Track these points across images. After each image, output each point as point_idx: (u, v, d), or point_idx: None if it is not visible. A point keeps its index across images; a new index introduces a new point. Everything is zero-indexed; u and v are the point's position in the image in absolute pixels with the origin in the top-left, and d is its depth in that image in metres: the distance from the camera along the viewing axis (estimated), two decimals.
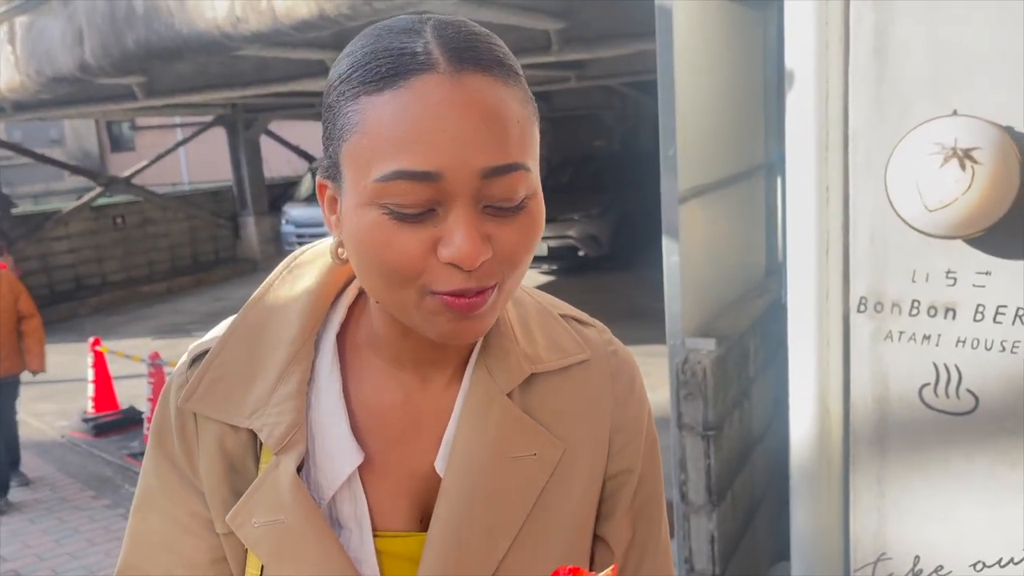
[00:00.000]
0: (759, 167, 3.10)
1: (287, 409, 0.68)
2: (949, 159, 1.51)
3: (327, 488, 0.69)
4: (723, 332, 2.49)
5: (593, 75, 7.60)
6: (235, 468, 0.70)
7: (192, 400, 0.70)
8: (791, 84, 1.85)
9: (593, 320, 0.81)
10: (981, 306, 1.65)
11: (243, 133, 11.71)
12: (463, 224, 0.58)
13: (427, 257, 0.59)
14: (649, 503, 0.79)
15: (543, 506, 0.71)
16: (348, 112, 0.60)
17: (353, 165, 0.60)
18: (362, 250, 0.61)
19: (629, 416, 0.77)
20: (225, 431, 0.70)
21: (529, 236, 0.62)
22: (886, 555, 1.87)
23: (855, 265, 1.80)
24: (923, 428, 1.76)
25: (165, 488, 0.72)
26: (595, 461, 0.74)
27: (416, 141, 0.56)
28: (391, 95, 0.57)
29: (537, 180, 0.63)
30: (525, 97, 0.62)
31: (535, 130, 0.63)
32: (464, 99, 0.57)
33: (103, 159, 20.34)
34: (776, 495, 2.99)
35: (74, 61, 5.39)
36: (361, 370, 0.73)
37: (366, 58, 0.60)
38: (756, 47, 2.96)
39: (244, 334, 0.73)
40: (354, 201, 0.60)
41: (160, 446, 0.73)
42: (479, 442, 0.69)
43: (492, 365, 0.72)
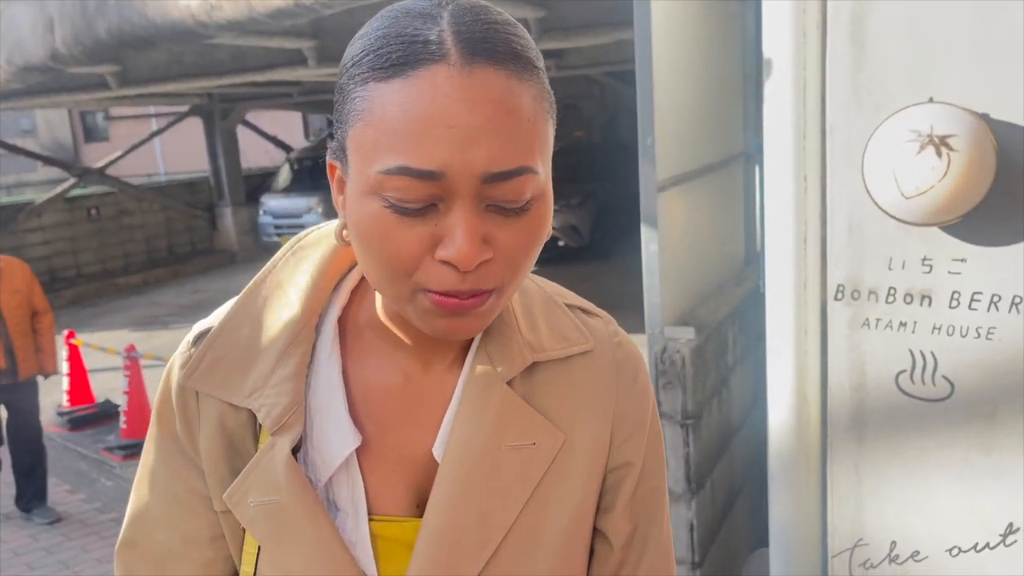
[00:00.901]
0: (738, 156, 3.11)
1: (285, 390, 0.69)
2: (925, 146, 1.51)
3: (324, 470, 0.69)
4: (702, 321, 2.49)
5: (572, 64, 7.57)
6: (234, 447, 0.71)
7: (194, 378, 0.70)
8: (769, 73, 1.84)
9: (599, 310, 0.80)
10: (957, 293, 1.66)
11: (220, 123, 11.58)
12: (463, 223, 0.57)
13: (424, 254, 0.58)
14: (650, 497, 0.78)
15: (541, 496, 0.70)
16: (356, 97, 0.59)
17: (358, 152, 0.59)
18: (362, 239, 0.61)
19: (632, 408, 0.76)
20: (226, 410, 0.70)
21: (532, 239, 0.61)
22: (863, 541, 1.89)
23: (833, 253, 1.80)
24: (900, 415, 1.78)
25: (166, 464, 0.74)
26: (596, 453, 0.73)
27: (421, 136, 0.55)
28: (400, 84, 0.56)
29: (546, 180, 0.62)
30: (540, 92, 0.60)
31: (548, 128, 0.61)
32: (473, 95, 0.56)
33: (76, 150, 20.07)
34: (755, 483, 3.01)
35: (45, 50, 5.29)
36: (362, 353, 0.73)
37: (378, 42, 0.58)
38: (734, 36, 2.96)
39: (246, 315, 0.73)
40: (357, 188, 0.60)
41: (161, 423, 0.74)
42: (477, 429, 0.69)
43: (494, 352, 0.71)
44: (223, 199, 11.98)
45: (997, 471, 1.69)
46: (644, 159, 2.27)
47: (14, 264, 4.11)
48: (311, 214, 10.80)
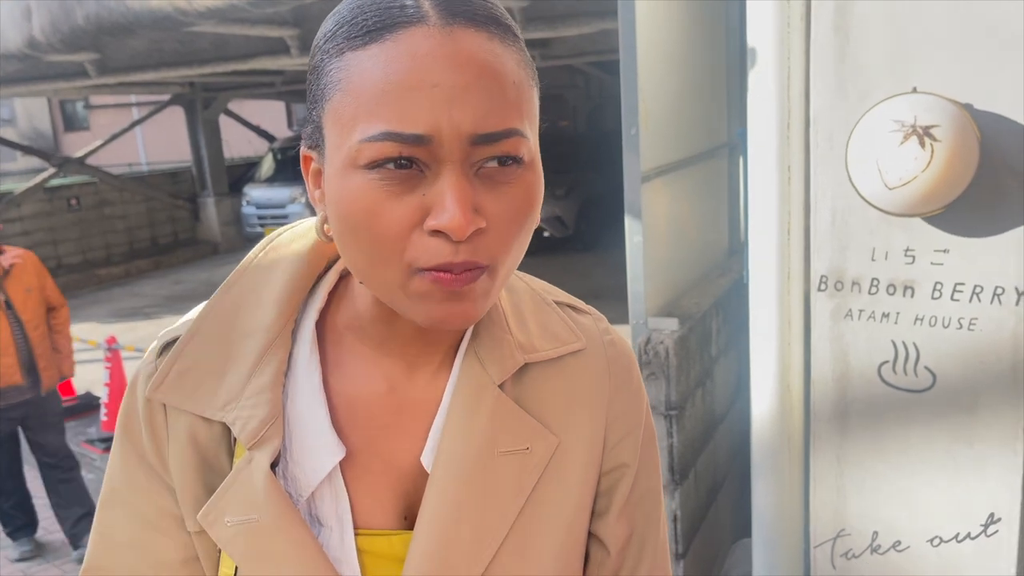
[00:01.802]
0: (722, 146, 3.10)
1: (261, 402, 0.64)
2: (909, 137, 1.51)
3: (306, 485, 0.65)
4: (686, 312, 2.49)
5: (557, 54, 7.54)
6: (208, 463, 0.66)
7: (161, 390, 0.66)
8: (753, 63, 1.84)
9: (589, 307, 0.77)
10: (939, 284, 1.66)
11: (202, 112, 11.47)
12: (453, 190, 0.53)
13: (413, 228, 0.55)
14: (646, 499, 0.75)
15: (536, 503, 0.67)
16: (331, 70, 0.56)
17: (336, 125, 0.56)
18: (346, 219, 0.56)
19: (626, 408, 0.73)
20: (197, 423, 0.66)
21: (524, 210, 0.58)
22: (845, 531, 1.89)
23: (816, 244, 1.80)
24: (882, 405, 1.78)
25: (132, 483, 0.68)
26: (591, 455, 0.70)
27: (404, 99, 0.52)
28: (377, 49, 0.53)
29: (535, 150, 0.59)
30: (524, 60, 0.58)
31: (533, 94, 0.59)
32: (457, 53, 0.53)
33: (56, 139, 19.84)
34: (738, 474, 3.02)
35: (22, 38, 5.21)
36: (342, 359, 0.68)
37: (352, 14, 0.56)
38: (718, 25, 2.95)
39: (216, 321, 0.68)
40: (337, 165, 0.56)
41: (127, 439, 0.68)
42: (468, 435, 0.66)
43: (483, 354, 0.68)
44: (206, 189, 11.88)
45: (979, 462, 1.69)
46: (628, 149, 2.26)
47: (24, 257, 3.53)
48: (294, 204, 10.73)
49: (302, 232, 0.72)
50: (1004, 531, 1.70)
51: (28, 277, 3.51)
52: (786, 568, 2.05)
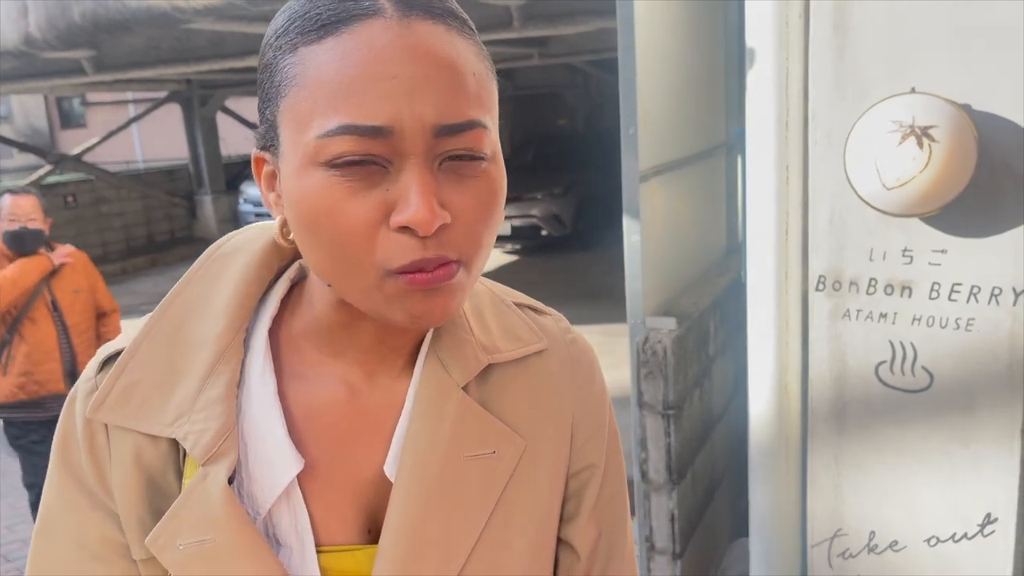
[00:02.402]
0: (720, 146, 3.10)
1: (215, 414, 0.61)
2: (907, 137, 1.51)
3: (263, 501, 0.62)
4: (684, 311, 2.49)
5: (556, 53, 7.54)
6: (154, 484, 0.62)
7: (103, 409, 0.62)
8: (751, 62, 1.83)
9: (549, 308, 0.76)
10: (937, 284, 1.67)
11: (199, 110, 11.45)
12: (417, 184, 0.52)
13: (379, 225, 0.53)
14: (614, 501, 0.73)
15: (505, 508, 0.65)
16: (285, 66, 0.54)
17: (292, 123, 0.54)
18: (307, 220, 0.54)
19: (591, 407, 0.72)
20: (142, 443, 0.61)
21: (490, 204, 0.57)
22: (842, 531, 1.89)
23: (814, 244, 1.80)
24: (879, 405, 1.78)
25: (71, 511, 0.64)
26: (558, 457, 0.69)
27: (363, 91, 0.51)
28: (333, 42, 0.52)
29: (497, 141, 0.58)
30: (481, 52, 0.57)
31: (493, 87, 0.57)
32: (415, 45, 0.52)
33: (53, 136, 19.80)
34: (735, 473, 3.02)
35: (18, 34, 5.20)
36: (298, 366, 0.65)
37: (304, 8, 0.54)
38: (717, 25, 2.95)
39: (162, 332, 0.65)
40: (295, 164, 0.54)
41: (65, 463, 0.64)
42: (433, 441, 0.63)
43: (445, 356, 0.66)
44: (203, 187, 11.86)
45: (976, 462, 1.70)
46: (626, 149, 2.26)
47: (75, 256, 3.30)
48: None
49: (251, 238, 0.69)
50: (1000, 531, 1.70)
51: (78, 278, 3.27)
52: (783, 568, 2.06)
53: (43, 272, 3.14)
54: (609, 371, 0.77)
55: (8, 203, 3.11)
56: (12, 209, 3.10)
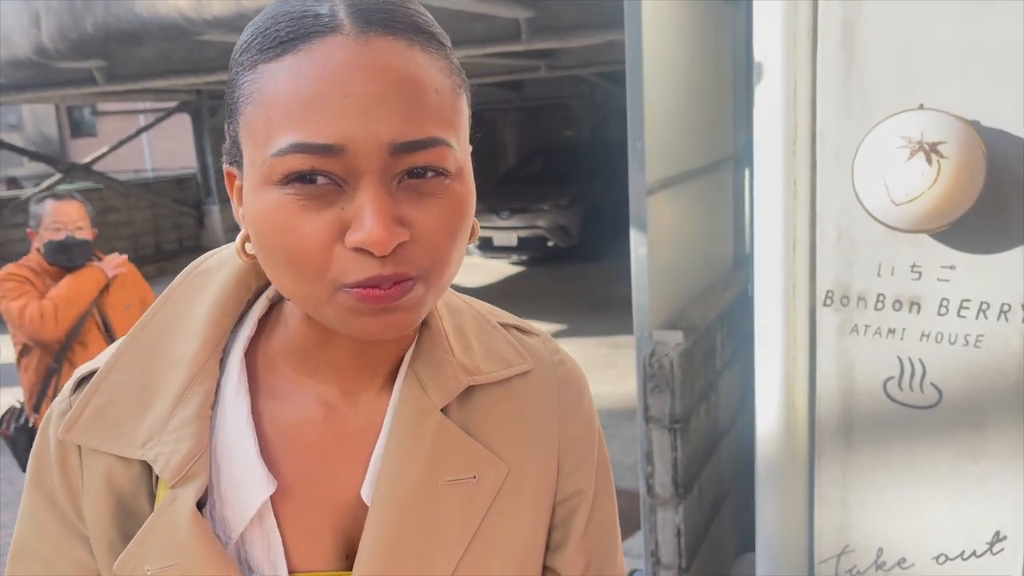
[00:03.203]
0: (727, 159, 3.11)
1: (186, 435, 0.59)
2: (915, 153, 1.51)
3: (235, 524, 0.59)
4: (690, 324, 2.49)
5: (563, 65, 7.56)
6: (125, 507, 0.60)
7: (75, 430, 0.60)
8: (760, 77, 1.84)
9: (537, 328, 0.74)
10: (945, 300, 1.66)
11: (208, 120, 11.51)
12: (372, 203, 0.50)
13: (334, 244, 0.52)
14: (603, 529, 0.71)
15: (485, 536, 0.62)
16: (244, 83, 0.53)
17: (249, 140, 0.53)
18: (263, 237, 0.53)
19: (579, 432, 0.69)
20: (114, 465, 0.60)
21: (453, 221, 0.54)
22: (850, 547, 1.88)
23: (822, 259, 1.80)
24: (887, 421, 1.77)
25: (43, 534, 0.62)
26: (543, 483, 0.66)
27: (314, 108, 0.49)
28: (290, 60, 0.51)
29: (464, 159, 0.56)
30: (449, 67, 0.55)
31: (460, 103, 0.55)
32: (371, 62, 0.50)
33: (63, 145, 19.92)
34: (742, 487, 3.00)
35: (31, 44, 5.24)
36: (275, 387, 0.64)
37: (266, 24, 0.53)
38: (725, 39, 2.96)
39: (137, 352, 0.63)
40: (252, 181, 0.53)
41: (38, 485, 0.63)
42: (410, 464, 0.61)
43: (425, 377, 0.63)
44: (211, 196, 11.91)
45: (985, 479, 1.69)
46: (633, 162, 2.26)
47: (126, 266, 2.96)
48: None
49: (229, 257, 0.68)
50: (1009, 549, 1.68)
51: (128, 292, 2.94)
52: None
53: (99, 287, 2.78)
54: (615, 383, 0.75)
55: (51, 209, 2.68)
56: (56, 216, 2.67)
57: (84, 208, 2.74)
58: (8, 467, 4.93)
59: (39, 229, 2.70)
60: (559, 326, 6.38)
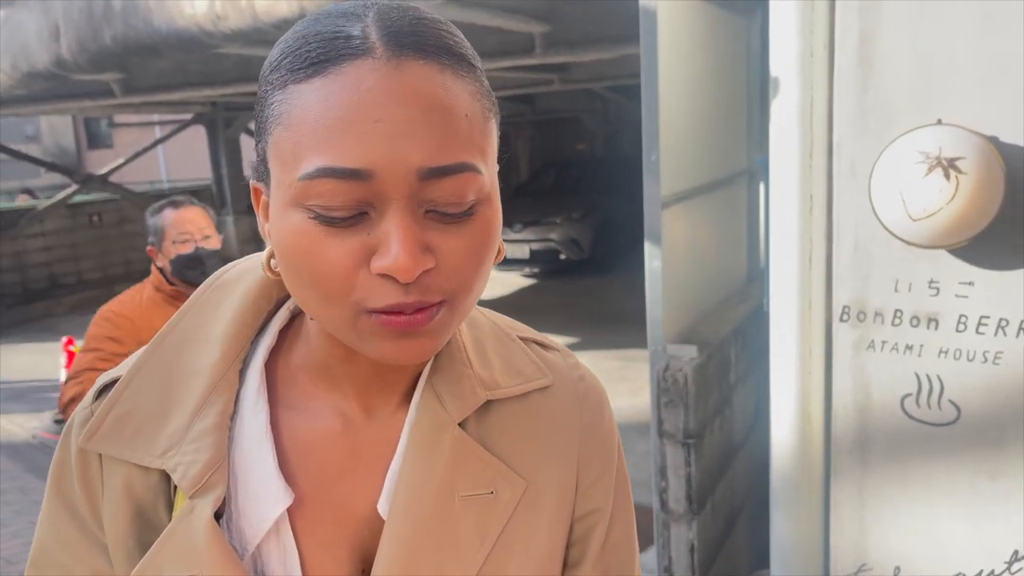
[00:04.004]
0: (741, 173, 3.10)
1: (205, 446, 0.59)
2: (933, 168, 1.50)
3: (251, 537, 0.60)
4: (704, 338, 2.47)
5: (576, 78, 7.58)
6: (144, 516, 0.60)
7: (96, 438, 0.61)
8: (776, 92, 1.83)
9: (556, 343, 0.73)
10: (964, 316, 1.65)
11: (223, 132, 11.59)
12: (398, 230, 0.50)
13: (359, 269, 0.52)
14: (621, 547, 0.70)
15: (501, 553, 0.62)
16: (274, 103, 0.53)
17: (278, 161, 0.53)
18: (288, 259, 0.54)
19: (599, 448, 0.68)
20: (133, 474, 0.60)
21: (480, 248, 0.54)
22: (866, 566, 1.86)
23: (838, 274, 1.79)
24: (905, 438, 1.76)
25: (63, 542, 0.63)
26: (562, 500, 0.66)
27: (344, 133, 0.49)
28: (320, 82, 0.51)
29: (491, 184, 0.55)
30: (479, 91, 0.54)
31: (490, 127, 0.55)
32: (402, 87, 0.50)
33: (80, 156, 20.10)
34: (756, 503, 2.98)
35: (50, 56, 5.30)
36: (294, 399, 0.64)
37: (297, 43, 0.53)
38: (740, 53, 2.96)
39: (158, 362, 0.64)
40: (279, 202, 0.53)
41: (59, 493, 0.63)
42: (426, 479, 0.61)
43: (443, 391, 0.63)
44: (225, 207, 11.98)
45: (1003, 497, 1.67)
46: (648, 175, 2.26)
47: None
48: None
49: (251, 267, 0.68)
50: None
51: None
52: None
53: None
54: (628, 397, 0.74)
55: (173, 219, 2.42)
56: (180, 227, 2.40)
57: (208, 213, 2.49)
58: (22, 475, 4.97)
59: (160, 244, 2.40)
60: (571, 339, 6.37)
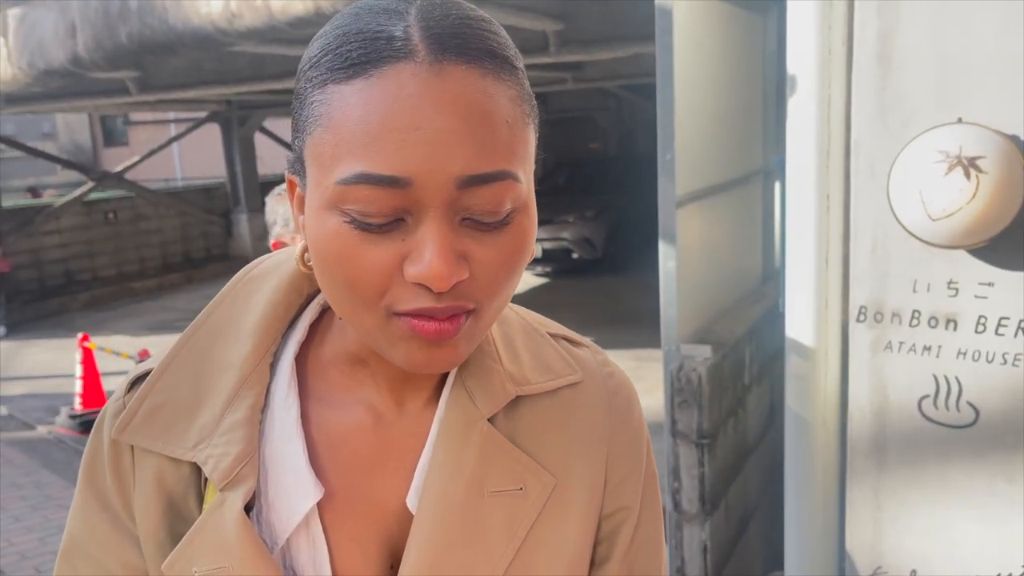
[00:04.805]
0: (756, 172, 3.08)
1: (235, 439, 0.59)
2: (953, 167, 1.48)
3: (281, 530, 0.60)
4: (719, 338, 2.46)
5: (590, 77, 7.57)
6: (175, 508, 0.61)
7: (128, 430, 0.61)
8: (793, 90, 1.82)
9: (585, 340, 0.73)
10: (983, 317, 1.63)
11: (237, 130, 11.65)
12: (434, 239, 0.50)
13: (392, 274, 0.52)
14: (647, 546, 0.69)
15: (530, 548, 0.61)
16: (313, 102, 0.53)
17: (315, 162, 0.53)
18: (321, 260, 0.54)
19: (628, 445, 0.68)
20: (165, 465, 0.61)
21: (514, 257, 0.54)
22: (882, 569, 1.84)
23: (855, 274, 1.77)
24: (922, 441, 1.74)
25: (94, 533, 0.63)
26: (591, 497, 0.65)
27: (383, 140, 0.49)
28: (361, 85, 0.50)
29: (528, 191, 0.56)
30: (520, 95, 0.54)
31: (529, 133, 0.55)
32: (443, 94, 0.50)
33: (96, 153, 20.24)
34: (769, 504, 2.96)
35: (66, 54, 5.34)
36: (324, 393, 0.64)
37: (338, 40, 0.52)
38: (756, 52, 2.94)
39: (190, 355, 0.64)
40: (315, 203, 0.53)
41: (91, 484, 0.64)
42: (455, 474, 0.61)
43: (472, 386, 0.63)
44: (239, 205, 12.03)
45: (1022, 500, 1.64)
46: (663, 174, 2.25)
47: None
48: None
49: (283, 261, 0.68)
50: None
51: None
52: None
53: None
54: (641, 397, 0.73)
55: None
56: None
57: None
58: (38, 471, 5.01)
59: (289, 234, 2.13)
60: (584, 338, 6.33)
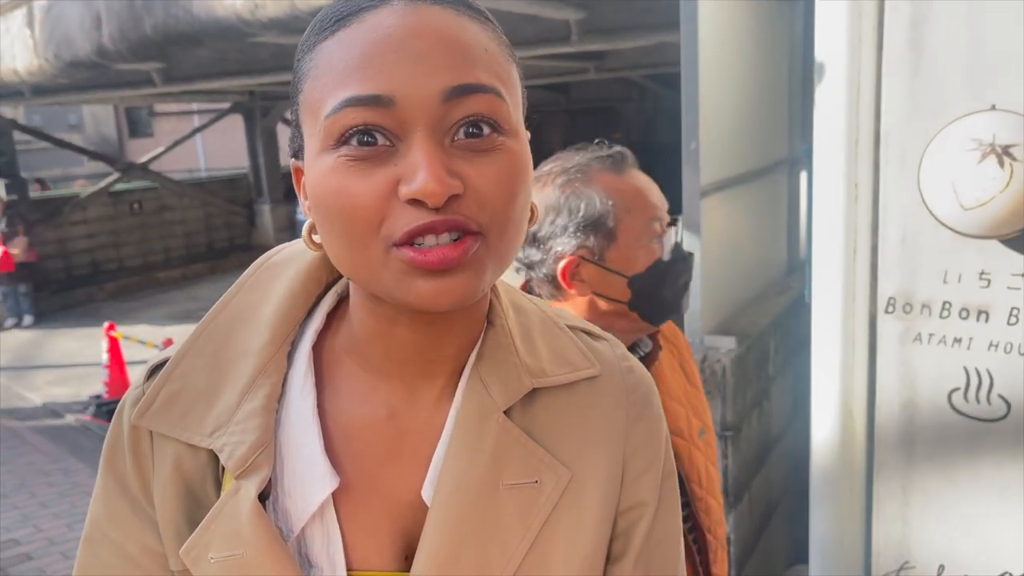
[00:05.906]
0: (782, 162, 3.04)
1: (251, 427, 0.59)
2: (987, 155, 1.45)
3: (296, 519, 0.60)
4: (743, 330, 2.44)
5: (612, 67, 7.52)
6: (193, 494, 0.61)
7: (147, 416, 0.61)
8: (821, 77, 1.79)
9: (605, 333, 0.72)
10: (1016, 309, 1.59)
11: (260, 120, 11.71)
12: (424, 154, 0.51)
13: (388, 200, 0.52)
14: (665, 542, 0.68)
15: (545, 542, 0.61)
16: (303, 65, 0.56)
17: (308, 114, 0.55)
18: (320, 205, 0.54)
19: (646, 440, 0.67)
20: (183, 452, 0.61)
21: (509, 180, 0.54)
22: (909, 563, 1.82)
23: (884, 264, 1.74)
24: (951, 434, 1.71)
25: (115, 518, 0.64)
26: (607, 491, 0.64)
27: (365, 66, 0.52)
28: (343, 32, 0.54)
29: (518, 123, 0.56)
30: (498, 40, 0.56)
31: (511, 71, 0.56)
32: (420, 22, 0.52)
33: (121, 144, 20.45)
34: (793, 496, 2.94)
35: (92, 45, 5.39)
36: (340, 383, 0.64)
37: (324, 11, 0.57)
38: (782, 40, 2.90)
39: (208, 343, 0.64)
40: (312, 153, 0.55)
41: (111, 470, 0.64)
42: (471, 466, 0.60)
43: (488, 377, 0.62)
44: (262, 196, 12.11)
45: None
46: (687, 164, 2.23)
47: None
48: None
49: (300, 250, 0.68)
50: None
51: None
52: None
53: None
54: None
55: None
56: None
57: None
58: (65, 457, 5.08)
59: None
60: None
